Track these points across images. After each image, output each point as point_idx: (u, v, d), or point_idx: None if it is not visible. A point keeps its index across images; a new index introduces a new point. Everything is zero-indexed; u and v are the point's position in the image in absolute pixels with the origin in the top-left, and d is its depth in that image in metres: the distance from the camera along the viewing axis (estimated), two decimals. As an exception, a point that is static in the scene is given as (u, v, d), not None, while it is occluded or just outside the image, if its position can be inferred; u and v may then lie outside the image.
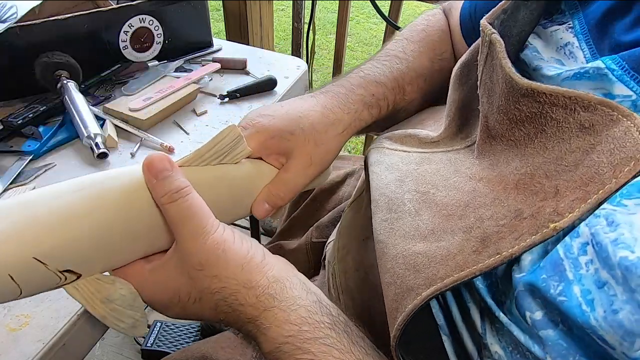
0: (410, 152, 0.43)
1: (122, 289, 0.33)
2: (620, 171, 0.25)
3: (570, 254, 0.25)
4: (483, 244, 0.29)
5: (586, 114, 0.27)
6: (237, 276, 0.33)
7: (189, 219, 0.32)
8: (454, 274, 0.29)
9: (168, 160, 0.33)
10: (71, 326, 0.39)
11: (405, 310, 0.30)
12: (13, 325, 0.38)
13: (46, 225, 0.28)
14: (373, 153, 0.46)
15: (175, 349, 1.07)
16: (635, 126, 0.25)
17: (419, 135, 0.45)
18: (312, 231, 0.65)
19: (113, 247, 0.32)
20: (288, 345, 0.32)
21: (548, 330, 0.27)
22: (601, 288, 0.24)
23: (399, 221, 0.36)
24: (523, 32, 0.37)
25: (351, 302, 0.46)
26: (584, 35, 0.34)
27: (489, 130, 0.34)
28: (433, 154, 0.41)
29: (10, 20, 0.60)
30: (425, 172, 0.39)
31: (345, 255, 0.49)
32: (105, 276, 0.33)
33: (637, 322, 0.22)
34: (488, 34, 0.34)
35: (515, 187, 0.30)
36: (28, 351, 0.37)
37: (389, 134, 0.48)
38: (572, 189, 0.26)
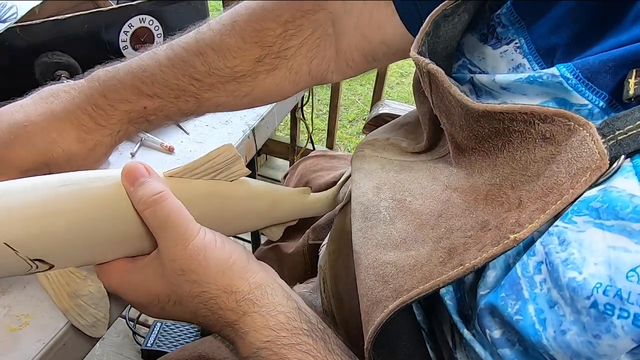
0: (391, 160, 0.42)
1: (91, 286, 0.34)
2: (577, 181, 0.24)
3: (527, 273, 0.25)
4: (449, 255, 0.29)
5: (545, 125, 0.27)
6: (217, 281, 0.33)
7: (168, 226, 0.32)
8: (419, 286, 0.29)
9: (145, 167, 0.33)
10: (71, 326, 0.39)
11: (374, 324, 0.30)
12: (13, 325, 0.39)
13: (21, 214, 0.29)
14: (354, 160, 0.45)
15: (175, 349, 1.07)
16: (590, 135, 0.25)
17: (400, 144, 0.44)
18: (309, 233, 0.65)
19: (91, 246, 0.32)
20: (265, 351, 0.32)
21: (505, 349, 0.27)
22: (552, 308, 0.24)
23: (373, 229, 0.36)
24: (449, 46, 0.37)
25: (341, 307, 0.46)
26: (533, 55, 0.33)
27: (458, 144, 0.34)
28: (414, 162, 0.41)
29: (10, 20, 0.60)
30: (404, 179, 0.38)
31: (336, 260, 0.49)
32: (78, 270, 0.33)
33: (583, 344, 0.23)
34: (424, 66, 0.33)
35: (484, 198, 0.30)
36: (28, 351, 0.37)
37: (371, 139, 0.47)
38: (534, 199, 0.26)
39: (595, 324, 0.22)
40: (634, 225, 0.22)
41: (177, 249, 0.32)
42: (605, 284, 0.22)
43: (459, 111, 0.31)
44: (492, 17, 0.35)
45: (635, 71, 0.25)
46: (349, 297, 0.45)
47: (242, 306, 0.33)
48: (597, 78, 0.27)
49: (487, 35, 0.36)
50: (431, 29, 0.34)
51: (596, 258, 0.23)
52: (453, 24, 0.35)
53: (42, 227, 0.29)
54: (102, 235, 0.32)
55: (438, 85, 0.32)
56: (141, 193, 0.32)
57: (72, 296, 0.33)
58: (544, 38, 0.32)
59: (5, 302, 0.40)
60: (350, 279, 0.45)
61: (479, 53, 0.37)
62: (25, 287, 0.41)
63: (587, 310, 0.22)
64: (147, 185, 0.32)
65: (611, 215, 0.23)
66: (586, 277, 0.22)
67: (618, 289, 0.21)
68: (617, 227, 0.22)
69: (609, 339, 0.22)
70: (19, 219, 0.29)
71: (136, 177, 0.33)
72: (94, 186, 0.32)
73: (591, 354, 0.22)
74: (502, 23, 0.35)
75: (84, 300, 0.34)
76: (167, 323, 1.14)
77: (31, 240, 0.29)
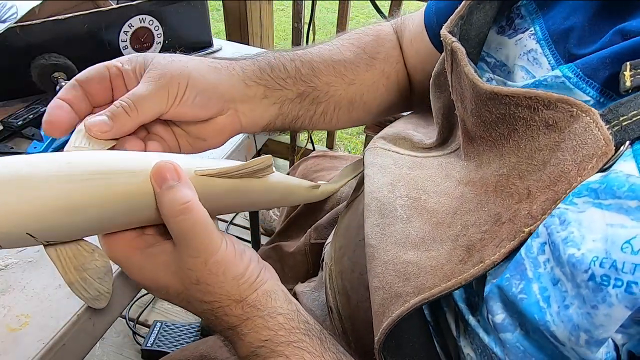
0: (403, 155, 0.43)
1: (97, 260, 0.34)
2: (584, 169, 0.25)
3: (531, 254, 0.26)
4: (468, 253, 0.30)
5: (549, 112, 0.27)
6: (230, 293, 0.34)
7: (191, 237, 0.32)
8: (442, 284, 0.30)
9: (175, 168, 0.32)
10: (71, 326, 0.39)
11: (392, 316, 0.31)
12: (13, 325, 0.39)
13: (45, 208, 0.28)
14: (367, 155, 0.46)
15: (175, 349, 1.08)
16: (594, 122, 0.25)
17: (412, 139, 0.45)
18: (311, 232, 0.65)
19: (106, 228, 0.33)
20: (264, 349, 0.33)
21: (507, 334, 0.28)
22: (555, 285, 0.25)
23: (391, 227, 0.36)
24: (481, 33, 0.38)
25: (347, 303, 0.46)
26: (546, 41, 0.34)
27: (468, 132, 0.35)
28: (425, 158, 0.41)
29: (10, 20, 0.60)
30: (418, 177, 0.39)
31: (342, 256, 0.49)
32: (86, 244, 0.33)
33: (583, 316, 0.24)
34: (449, 43, 0.35)
35: (494, 190, 0.31)
36: (28, 351, 0.37)
37: (383, 133, 0.48)
38: (542, 189, 0.27)
39: (593, 295, 0.23)
40: (630, 203, 0.23)
41: (198, 261, 0.32)
42: (602, 257, 0.23)
43: (470, 93, 0.32)
44: (512, 9, 0.37)
45: (630, 64, 0.26)
46: (355, 293, 0.45)
47: (247, 312, 0.34)
48: (597, 74, 0.28)
49: (504, 27, 0.38)
50: (465, 13, 0.37)
51: (594, 235, 0.24)
52: (484, 11, 0.37)
53: (64, 221, 0.29)
54: (120, 221, 0.32)
55: (458, 64, 0.34)
56: (168, 199, 0.31)
57: (78, 269, 0.33)
58: (558, 25, 0.34)
59: (5, 302, 0.40)
60: (356, 274, 0.45)
61: (496, 44, 0.38)
62: (25, 287, 0.41)
63: (585, 284, 0.23)
64: (175, 191, 0.31)
65: (609, 195, 0.24)
66: (584, 252, 0.23)
67: (613, 260, 0.23)
68: (614, 205, 0.23)
69: (605, 309, 0.23)
70: (44, 212, 0.28)
71: (165, 179, 0.31)
72: (122, 182, 0.31)
73: (589, 325, 0.24)
74: (520, 14, 0.37)
75: (90, 274, 0.34)
76: (167, 323, 1.14)
77: (51, 231, 0.29)
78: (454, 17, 0.37)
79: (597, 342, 0.24)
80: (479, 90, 0.31)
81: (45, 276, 0.42)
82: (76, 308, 0.40)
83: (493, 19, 0.38)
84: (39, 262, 0.43)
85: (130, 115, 0.35)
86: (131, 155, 0.33)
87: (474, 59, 0.38)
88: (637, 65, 0.25)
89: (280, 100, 0.45)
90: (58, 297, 0.41)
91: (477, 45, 0.39)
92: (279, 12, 2.92)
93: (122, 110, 0.34)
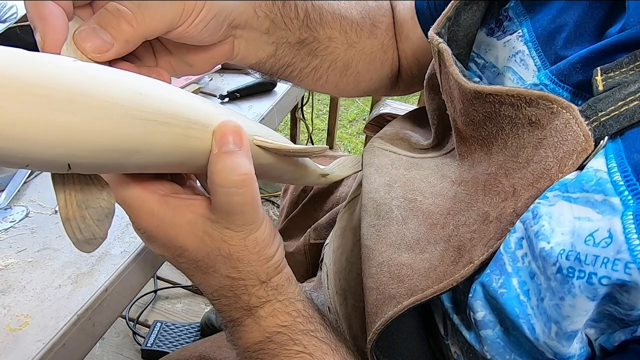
0: (400, 155, 0.44)
1: (103, 200, 0.29)
2: (565, 165, 0.26)
3: (509, 249, 0.27)
4: (459, 254, 0.30)
5: (531, 109, 0.28)
6: (258, 273, 0.32)
7: (238, 212, 0.29)
8: (434, 286, 0.30)
9: (240, 134, 0.28)
10: (71, 326, 0.39)
11: (385, 317, 0.31)
12: (13, 325, 0.39)
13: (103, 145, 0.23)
14: (365, 155, 0.46)
15: (175, 349, 1.08)
16: (574, 118, 0.26)
17: (410, 139, 0.45)
18: (310, 232, 0.65)
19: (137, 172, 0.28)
20: (280, 335, 0.32)
21: (487, 330, 0.28)
22: (533, 278, 0.26)
23: (386, 228, 0.37)
24: (469, 34, 0.38)
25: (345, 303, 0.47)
26: (532, 43, 0.34)
27: (460, 132, 0.35)
28: (422, 159, 0.42)
29: (10, 20, 0.60)
30: (414, 177, 0.39)
31: (340, 256, 0.49)
32: (99, 178, 0.29)
33: (553, 307, 0.25)
34: (435, 45, 0.35)
35: (483, 189, 0.31)
36: (28, 351, 0.37)
37: (381, 133, 0.48)
38: (526, 186, 0.27)
39: (560, 287, 0.24)
40: (596, 197, 0.24)
41: (237, 235, 0.30)
42: (568, 250, 0.24)
43: (457, 93, 0.33)
44: (501, 11, 0.38)
45: (600, 69, 0.26)
46: (353, 293, 0.45)
47: (269, 294, 0.33)
48: (569, 79, 0.29)
49: (494, 29, 0.38)
50: (452, 15, 0.37)
51: (563, 228, 0.24)
52: (472, 12, 0.37)
53: (112, 159, 0.24)
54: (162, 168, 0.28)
55: (445, 65, 0.34)
56: (226, 165, 0.27)
57: (80, 206, 0.28)
58: (545, 27, 0.34)
59: (5, 302, 0.40)
60: (354, 275, 0.45)
61: (485, 46, 0.39)
62: (25, 287, 0.41)
63: (554, 276, 0.24)
64: (235, 157, 0.28)
65: (577, 188, 0.24)
66: (553, 245, 0.24)
67: (577, 253, 0.23)
68: (582, 199, 0.24)
69: (570, 299, 0.24)
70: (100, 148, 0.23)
71: (227, 141, 0.28)
72: (194, 135, 0.27)
73: (558, 317, 0.24)
74: (509, 16, 0.37)
75: (90, 214, 0.29)
76: (167, 323, 1.14)
77: (91, 167, 0.24)
78: (441, 19, 0.37)
79: (567, 335, 0.24)
80: (464, 89, 0.31)
81: (45, 276, 0.42)
82: (76, 308, 0.40)
83: (481, 20, 0.38)
84: (39, 262, 0.43)
85: (133, 25, 0.27)
86: (203, 103, 0.28)
87: (464, 60, 0.39)
88: (607, 70, 0.26)
89: (279, 41, 0.42)
90: (58, 297, 0.41)
91: (466, 46, 0.39)
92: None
93: (120, 19, 0.27)
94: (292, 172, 0.42)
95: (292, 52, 0.44)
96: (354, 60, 0.48)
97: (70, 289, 0.41)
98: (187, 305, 1.24)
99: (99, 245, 0.31)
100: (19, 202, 0.50)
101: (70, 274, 0.42)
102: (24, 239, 0.45)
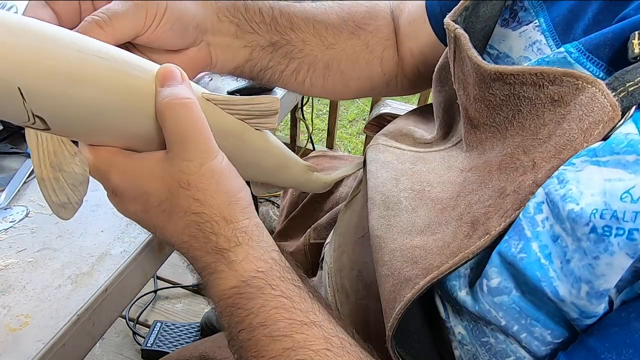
0: (404, 151, 0.44)
1: (77, 166, 0.31)
2: (591, 135, 0.26)
3: (528, 214, 0.27)
4: (473, 227, 0.30)
5: (554, 87, 0.28)
6: (221, 208, 0.32)
7: (188, 137, 0.30)
8: (449, 261, 0.30)
9: (182, 74, 0.31)
10: (71, 326, 0.39)
11: (404, 300, 0.31)
12: (13, 325, 0.39)
13: (51, 66, 0.26)
14: (369, 151, 0.47)
15: (175, 349, 1.08)
16: (600, 91, 0.26)
17: (413, 134, 0.45)
18: (310, 232, 0.65)
19: (98, 129, 0.30)
20: (257, 280, 0.31)
21: (503, 297, 0.28)
22: (555, 242, 0.26)
23: (396, 218, 0.37)
24: (487, 26, 0.39)
25: (346, 301, 0.47)
26: (550, 32, 0.35)
27: (471, 120, 0.35)
28: (427, 153, 0.42)
29: (11, 20, 0.60)
30: (420, 171, 0.40)
31: (341, 254, 0.49)
32: (70, 144, 0.31)
33: (584, 268, 0.25)
34: (452, 30, 0.36)
35: (498, 169, 0.31)
36: (28, 351, 0.37)
37: (384, 130, 0.49)
38: (548, 159, 0.28)
39: (595, 247, 0.24)
40: (628, 157, 0.24)
41: (192, 164, 0.31)
42: (601, 209, 0.24)
43: (474, 78, 0.33)
44: (516, 2, 0.38)
45: (638, 33, 0.26)
46: (354, 290, 0.45)
47: (238, 237, 0.32)
48: (598, 50, 0.29)
49: (508, 20, 0.39)
50: (470, 5, 0.37)
51: (592, 190, 0.24)
52: (492, 5, 0.38)
53: (63, 89, 0.26)
54: (115, 124, 0.30)
55: (461, 50, 0.35)
56: (168, 92, 0.29)
57: (54, 167, 0.30)
58: (562, 17, 0.34)
59: (5, 302, 0.40)
60: (355, 272, 0.45)
61: (499, 36, 0.39)
62: (25, 287, 0.41)
63: (587, 236, 0.24)
64: (178, 87, 0.30)
65: (607, 152, 0.25)
66: (583, 206, 0.24)
67: (614, 211, 0.23)
68: (612, 161, 0.24)
69: (607, 258, 0.24)
70: (47, 70, 0.25)
71: (171, 78, 0.30)
72: (135, 74, 0.29)
73: (590, 276, 0.24)
74: (524, 7, 0.37)
75: (64, 177, 0.31)
76: (167, 323, 1.14)
77: (45, 98, 0.26)
78: (458, 8, 0.37)
79: (598, 294, 0.24)
80: (483, 72, 0.32)
81: (45, 276, 0.42)
82: (76, 308, 0.40)
83: (500, 12, 0.39)
84: (39, 262, 0.43)
85: (105, 30, 0.32)
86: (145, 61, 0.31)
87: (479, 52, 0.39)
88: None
89: (251, 44, 0.44)
90: (58, 297, 0.41)
91: (483, 38, 0.39)
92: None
93: (95, 25, 0.32)
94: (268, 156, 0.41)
95: (267, 55, 0.46)
96: (335, 61, 0.49)
97: (70, 289, 0.41)
98: (187, 305, 1.24)
99: (74, 212, 0.33)
100: (19, 202, 0.50)
101: (70, 274, 0.42)
102: (24, 239, 0.45)
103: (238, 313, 0.31)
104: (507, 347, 0.30)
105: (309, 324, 0.30)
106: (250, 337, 0.30)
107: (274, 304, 0.30)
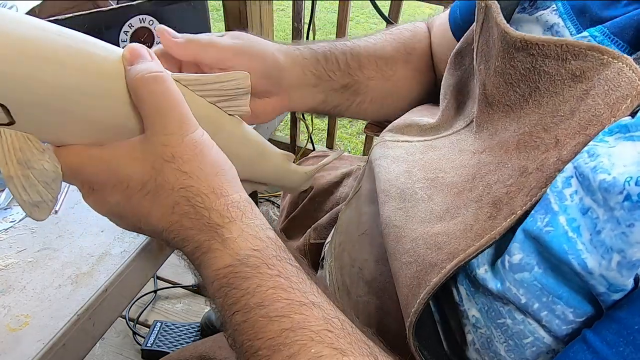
0: (412, 142, 0.44)
1: (47, 162, 0.30)
2: (618, 109, 0.26)
3: (555, 188, 0.27)
4: (496, 208, 0.30)
5: (577, 62, 0.28)
6: (209, 180, 0.30)
7: (166, 110, 0.29)
8: (475, 243, 0.30)
9: (149, 52, 0.31)
10: (71, 326, 0.39)
11: (430, 284, 0.31)
12: (13, 325, 0.39)
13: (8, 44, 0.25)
14: (376, 148, 0.47)
15: (175, 349, 1.08)
16: (627, 66, 0.26)
17: (419, 123, 0.46)
18: (311, 232, 0.65)
19: (66, 117, 0.29)
20: (253, 259, 0.29)
21: (524, 273, 0.28)
22: (585, 214, 0.26)
23: (414, 209, 0.37)
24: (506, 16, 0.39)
25: (347, 298, 0.47)
26: (568, 15, 0.35)
27: (487, 97, 0.36)
28: (436, 139, 0.42)
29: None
30: (431, 159, 0.40)
31: (342, 252, 0.49)
32: (38, 141, 0.29)
33: (617, 237, 0.24)
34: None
35: (516, 148, 0.31)
36: (28, 351, 0.37)
37: (389, 126, 0.49)
38: (572, 135, 0.27)
39: (629, 214, 0.24)
40: None
41: (173, 137, 0.30)
42: (636, 176, 0.23)
43: (499, 47, 0.33)
44: None
45: None
46: (355, 287, 0.45)
47: (231, 212, 0.31)
48: (623, 33, 0.29)
49: (525, 7, 0.39)
50: None
51: (625, 161, 0.24)
52: None
53: (27, 70, 0.25)
54: (84, 112, 0.29)
55: (489, 20, 0.35)
56: (139, 68, 0.29)
57: (22, 164, 0.29)
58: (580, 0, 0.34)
59: (5, 302, 0.40)
60: (356, 269, 0.45)
61: (517, 23, 0.40)
62: (25, 287, 0.41)
63: (620, 205, 0.24)
64: (148, 63, 0.29)
65: None
66: (615, 175, 0.24)
67: None
68: None
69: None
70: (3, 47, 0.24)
71: (139, 55, 0.30)
72: (94, 52, 0.28)
73: (623, 245, 0.24)
74: None
75: (34, 174, 0.29)
76: (167, 323, 1.14)
77: (5, 78, 0.25)
78: None
79: (630, 264, 0.24)
80: (509, 39, 0.32)
81: (45, 276, 0.42)
82: (76, 308, 0.40)
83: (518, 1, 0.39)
84: (39, 262, 0.43)
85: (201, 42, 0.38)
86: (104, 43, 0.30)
87: None
88: None
89: (327, 89, 0.50)
90: (58, 297, 0.41)
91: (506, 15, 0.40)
92: (279, 12, 2.92)
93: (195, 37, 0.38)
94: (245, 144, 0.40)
95: (339, 96, 0.52)
96: (393, 89, 0.55)
97: (70, 289, 0.41)
98: (187, 305, 1.24)
99: (49, 212, 0.31)
100: (19, 202, 0.50)
101: (70, 274, 0.42)
102: (24, 239, 0.45)
103: (233, 294, 0.29)
104: (525, 328, 0.29)
105: (308, 305, 0.29)
106: (246, 318, 0.28)
107: (271, 284, 0.29)
